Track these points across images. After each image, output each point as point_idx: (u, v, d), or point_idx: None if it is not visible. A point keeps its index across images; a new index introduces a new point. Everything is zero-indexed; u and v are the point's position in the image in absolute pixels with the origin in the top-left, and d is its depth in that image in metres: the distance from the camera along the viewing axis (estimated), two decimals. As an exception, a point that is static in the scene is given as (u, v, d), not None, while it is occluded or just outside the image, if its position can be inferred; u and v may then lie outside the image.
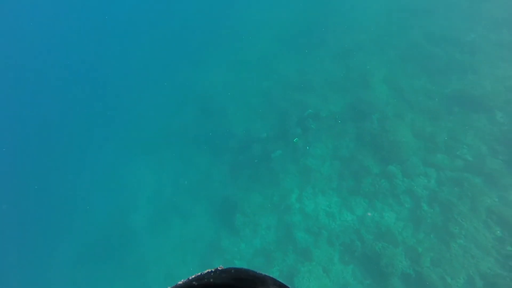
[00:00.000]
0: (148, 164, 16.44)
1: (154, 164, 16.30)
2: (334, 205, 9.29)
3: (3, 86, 24.30)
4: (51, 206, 17.68)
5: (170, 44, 22.41)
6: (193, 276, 0.62)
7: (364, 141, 9.64)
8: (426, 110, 9.48)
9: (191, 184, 14.05)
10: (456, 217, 7.46)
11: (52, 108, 22.26)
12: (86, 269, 14.22)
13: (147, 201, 15.09)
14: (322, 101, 11.90)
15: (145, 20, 26.20)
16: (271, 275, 0.63)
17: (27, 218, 17.83)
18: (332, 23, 15.63)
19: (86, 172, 17.93)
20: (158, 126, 17.79)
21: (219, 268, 0.64)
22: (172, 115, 17.60)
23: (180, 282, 0.61)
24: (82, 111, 21.19)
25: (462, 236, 7.18)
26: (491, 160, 8.01)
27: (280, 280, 0.64)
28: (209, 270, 0.64)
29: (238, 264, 9.74)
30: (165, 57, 21.62)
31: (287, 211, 9.82)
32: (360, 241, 8.26)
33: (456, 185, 7.99)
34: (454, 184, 8.03)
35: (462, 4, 12.09)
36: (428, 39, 11.59)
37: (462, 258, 6.81)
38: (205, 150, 14.62)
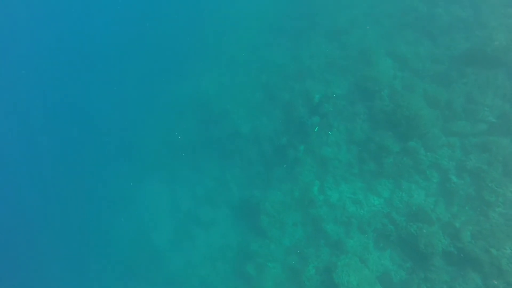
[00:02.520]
0: (160, 179, 16.28)
1: (165, 178, 16.13)
2: (359, 191, 9.02)
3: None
4: (70, 239, 17.80)
5: (154, 55, 21.88)
6: None
7: (378, 120, 9.27)
8: (437, 76, 9.05)
9: (207, 192, 13.89)
10: (490, 184, 7.14)
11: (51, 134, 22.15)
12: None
13: (166, 217, 15.01)
14: (325, 85, 11.48)
15: (122, 33, 25.49)
16: None
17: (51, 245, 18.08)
18: (319, 2, 15.02)
19: (100, 198, 17.90)
20: (161, 140, 17.53)
21: None
22: (173, 126, 17.29)
23: None
24: (82, 139, 21.02)
25: (500, 203, 6.87)
26: (517, 118, 7.62)
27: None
28: None
29: (271, 266, 9.61)
30: (152, 69, 21.15)
31: (312, 205, 9.58)
32: (393, 225, 8.01)
33: (484, 150, 7.63)
34: (481, 150, 7.68)
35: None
36: (423, 0, 11.02)
37: (504, 227, 6.52)
38: (214, 155, 14.38)
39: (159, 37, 23.35)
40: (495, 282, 6.05)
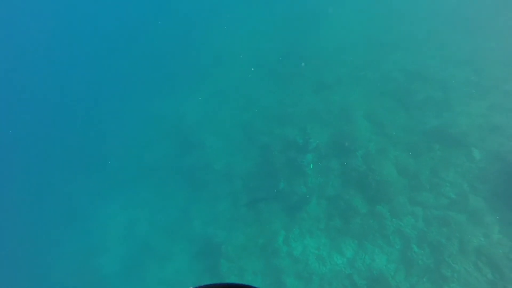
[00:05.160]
0: (118, 201, 15.32)
1: (125, 201, 15.21)
2: (323, 247, 8.97)
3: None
4: (12, 251, 15.83)
5: (141, 76, 21.72)
6: None
7: (350, 179, 9.56)
8: (408, 146, 9.66)
9: (167, 222, 13.19)
10: (447, 259, 7.41)
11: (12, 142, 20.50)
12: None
13: (119, 242, 13.92)
14: (304, 134, 11.82)
15: (114, 47, 25.35)
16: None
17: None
18: (309, 55, 15.99)
19: (47, 212, 16.34)
20: (128, 161, 16.82)
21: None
22: (144, 149, 16.77)
23: None
24: (43, 144, 19.63)
25: (455, 279, 7.10)
26: (473, 198, 8.18)
27: None
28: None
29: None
30: (134, 87, 20.85)
31: (275, 255, 9.34)
32: (353, 288, 7.93)
33: (443, 224, 8.02)
34: (441, 224, 8.06)
35: (432, 42, 12.86)
36: (403, 74, 12.10)
37: (458, 306, 6.68)
38: (182, 185, 13.91)
39: (146, 54, 23.37)
40: None
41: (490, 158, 8.70)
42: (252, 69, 16.56)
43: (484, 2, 14.30)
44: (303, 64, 12.36)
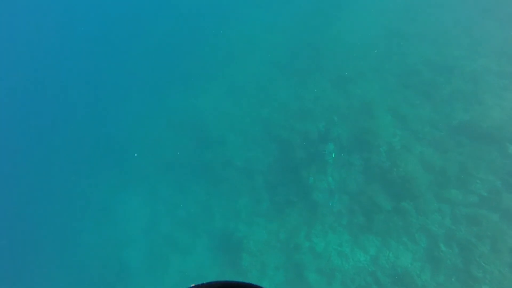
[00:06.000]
0: (141, 195, 15.72)
1: (146, 195, 15.59)
2: (346, 243, 8.86)
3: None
4: (36, 242, 16.67)
5: (159, 70, 21.96)
6: None
7: (373, 175, 9.35)
8: (434, 142, 9.31)
9: (189, 216, 13.45)
10: (478, 259, 7.14)
11: (35, 134, 21.38)
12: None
13: (142, 235, 14.35)
14: (324, 129, 11.65)
15: (131, 42, 25.71)
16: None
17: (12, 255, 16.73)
18: (328, 48, 15.63)
19: (74, 205, 17.03)
20: (149, 156, 17.17)
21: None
22: (164, 144, 17.04)
23: None
24: (66, 138, 20.34)
25: (486, 281, 6.83)
26: (507, 196, 7.80)
27: None
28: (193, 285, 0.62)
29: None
30: (154, 83, 21.13)
31: (296, 250, 9.33)
32: (377, 285, 7.81)
33: (474, 223, 7.71)
34: (471, 222, 7.75)
35: (459, 30, 12.24)
36: (428, 66, 11.60)
37: (490, 308, 6.44)
38: (202, 180, 14.08)
39: (164, 51, 23.57)
40: None
41: (526, 154, 8.24)
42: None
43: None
44: None
